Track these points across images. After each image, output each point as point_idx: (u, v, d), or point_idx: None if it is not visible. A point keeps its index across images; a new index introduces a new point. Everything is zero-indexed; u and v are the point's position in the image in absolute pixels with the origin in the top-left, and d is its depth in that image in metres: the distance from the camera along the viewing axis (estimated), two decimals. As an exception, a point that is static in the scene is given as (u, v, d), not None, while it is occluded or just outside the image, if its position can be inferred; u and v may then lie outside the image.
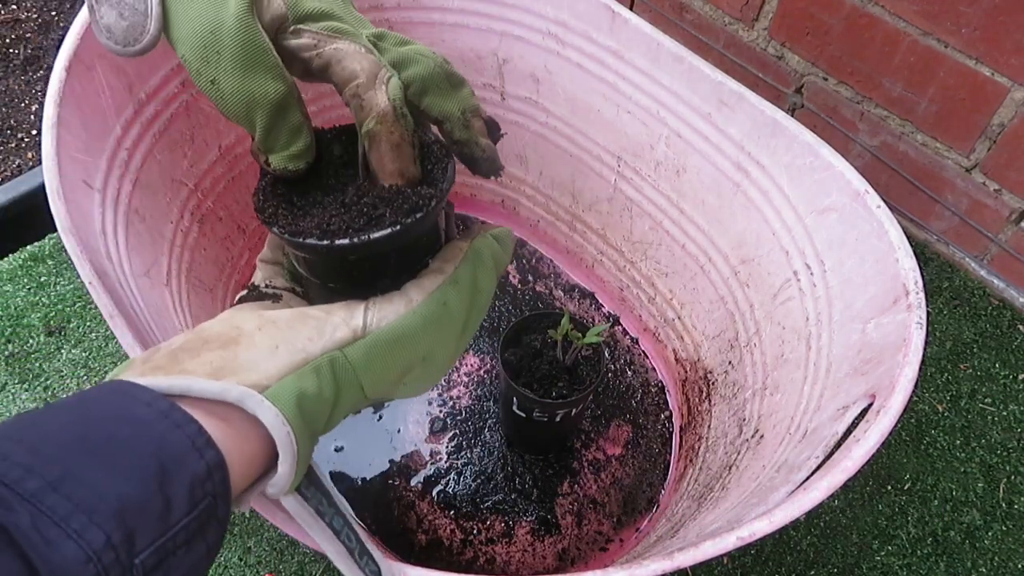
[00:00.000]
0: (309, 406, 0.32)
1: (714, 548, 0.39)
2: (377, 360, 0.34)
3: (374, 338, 0.34)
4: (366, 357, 0.34)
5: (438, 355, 0.37)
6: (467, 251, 0.38)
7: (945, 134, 0.89)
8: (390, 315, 0.35)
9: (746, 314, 0.70)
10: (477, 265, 0.38)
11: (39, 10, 1.20)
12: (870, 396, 0.48)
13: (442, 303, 0.36)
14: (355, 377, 0.34)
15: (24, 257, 0.91)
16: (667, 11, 1.08)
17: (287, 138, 0.35)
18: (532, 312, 0.72)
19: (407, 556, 0.72)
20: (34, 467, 0.24)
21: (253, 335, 0.33)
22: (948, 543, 0.77)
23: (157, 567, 0.26)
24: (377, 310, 0.35)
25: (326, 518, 0.35)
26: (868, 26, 0.88)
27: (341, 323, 0.34)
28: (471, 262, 0.38)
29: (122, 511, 0.25)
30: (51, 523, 0.23)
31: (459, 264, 0.38)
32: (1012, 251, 0.92)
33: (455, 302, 0.37)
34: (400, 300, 0.35)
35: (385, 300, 0.35)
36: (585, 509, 0.76)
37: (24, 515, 0.23)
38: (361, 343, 0.34)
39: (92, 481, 0.25)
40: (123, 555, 0.25)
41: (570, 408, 0.68)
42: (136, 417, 0.27)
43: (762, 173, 0.64)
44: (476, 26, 0.77)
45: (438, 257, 0.38)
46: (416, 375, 0.37)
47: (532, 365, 0.69)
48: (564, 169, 0.84)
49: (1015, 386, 0.87)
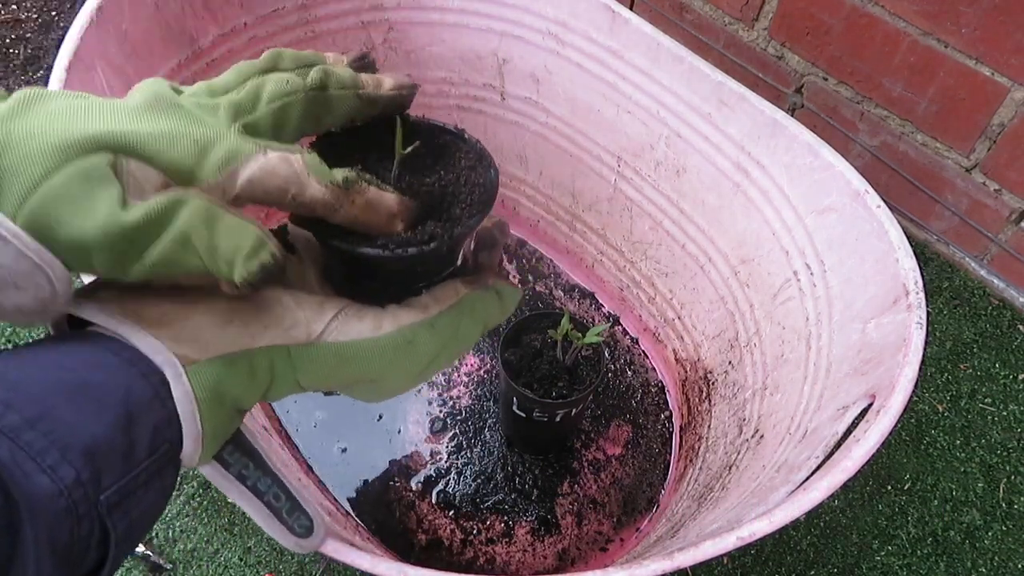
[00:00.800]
0: (233, 390, 0.32)
1: (714, 548, 0.39)
2: (319, 368, 0.34)
3: (324, 349, 0.34)
4: (309, 363, 0.34)
5: (389, 382, 0.37)
6: (461, 299, 0.38)
7: (945, 134, 0.89)
8: (352, 333, 0.34)
9: (746, 314, 0.70)
10: (463, 316, 0.38)
11: (39, 10, 1.20)
12: (870, 396, 0.48)
13: (408, 341, 0.35)
14: (292, 374, 0.34)
15: (24, 257, 0.91)
16: (667, 11, 1.08)
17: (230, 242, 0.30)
18: (532, 312, 0.72)
19: (407, 556, 0.72)
20: (13, 403, 0.26)
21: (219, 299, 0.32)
22: (948, 543, 0.77)
23: (118, 505, 0.28)
24: (342, 323, 0.34)
25: (248, 481, 0.35)
26: (868, 26, 0.88)
27: (302, 322, 0.34)
28: (458, 312, 0.37)
29: (92, 451, 0.27)
30: (27, 457, 0.25)
31: (445, 309, 0.37)
32: (1012, 251, 0.92)
33: (424, 344, 0.36)
34: (369, 322, 0.35)
35: (355, 315, 0.35)
36: (585, 509, 0.76)
37: (3, 448, 0.24)
38: (311, 348, 0.34)
39: (66, 421, 0.26)
40: (91, 492, 0.26)
41: (570, 408, 0.68)
42: (107, 363, 0.29)
43: (762, 173, 0.64)
44: (476, 26, 0.77)
45: (432, 291, 0.37)
46: (363, 390, 0.38)
47: (532, 365, 0.69)
48: (564, 169, 0.84)
49: (1015, 386, 0.87)
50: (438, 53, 0.80)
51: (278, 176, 0.31)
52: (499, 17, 0.76)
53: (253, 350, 0.32)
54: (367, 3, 0.76)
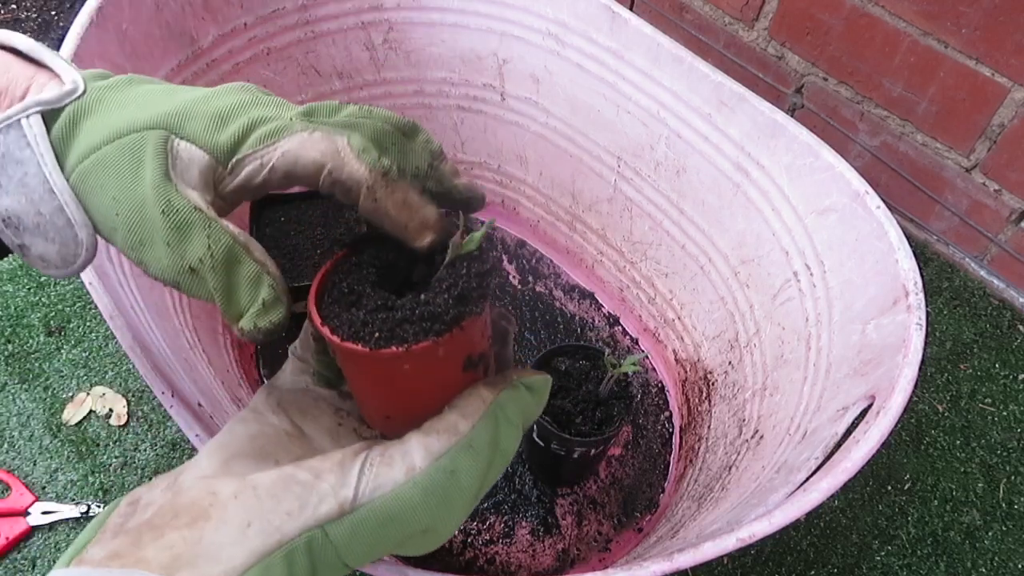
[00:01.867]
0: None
1: (714, 549, 0.39)
2: (364, 539, 0.30)
3: (363, 515, 0.30)
4: (351, 536, 0.30)
5: (442, 527, 0.32)
6: (491, 406, 0.33)
7: (945, 134, 0.89)
8: (387, 484, 0.30)
9: (746, 314, 0.70)
10: (499, 424, 0.33)
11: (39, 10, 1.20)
12: (870, 397, 0.48)
13: (449, 472, 0.31)
14: (336, 557, 0.30)
15: (24, 257, 0.91)
16: (667, 11, 1.08)
17: (248, 293, 0.30)
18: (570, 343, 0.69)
19: (407, 556, 0.72)
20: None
21: (227, 506, 0.29)
22: (948, 543, 0.77)
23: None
24: (373, 476, 0.30)
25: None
26: (868, 26, 0.87)
27: (328, 493, 0.30)
28: (493, 420, 0.32)
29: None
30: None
31: (478, 422, 0.32)
32: (1012, 251, 0.92)
33: (466, 471, 0.31)
34: (401, 465, 0.31)
35: (383, 463, 0.31)
36: (585, 509, 0.76)
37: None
38: (348, 520, 0.30)
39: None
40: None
41: (589, 448, 0.66)
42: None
43: (762, 174, 0.64)
44: (476, 26, 0.77)
45: (455, 408, 0.32)
46: (414, 545, 0.33)
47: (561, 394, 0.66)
48: (564, 169, 0.84)
49: (1015, 386, 0.87)
50: (438, 53, 0.80)
51: (318, 150, 0.31)
52: (499, 17, 0.76)
53: (285, 545, 0.29)
54: (367, 3, 0.76)
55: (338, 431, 0.35)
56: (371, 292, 0.32)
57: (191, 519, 0.29)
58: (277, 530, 0.29)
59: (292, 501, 0.30)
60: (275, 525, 0.29)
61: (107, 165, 0.30)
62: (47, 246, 0.30)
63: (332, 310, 0.32)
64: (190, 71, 0.67)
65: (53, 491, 0.76)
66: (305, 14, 0.74)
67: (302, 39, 0.75)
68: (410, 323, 0.31)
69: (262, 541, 0.28)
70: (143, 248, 0.30)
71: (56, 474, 0.77)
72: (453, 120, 0.86)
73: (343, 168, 0.31)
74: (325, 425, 0.35)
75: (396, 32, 0.79)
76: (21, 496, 0.74)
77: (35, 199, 0.30)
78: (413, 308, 0.31)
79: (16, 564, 0.71)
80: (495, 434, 0.33)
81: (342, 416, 0.36)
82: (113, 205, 0.30)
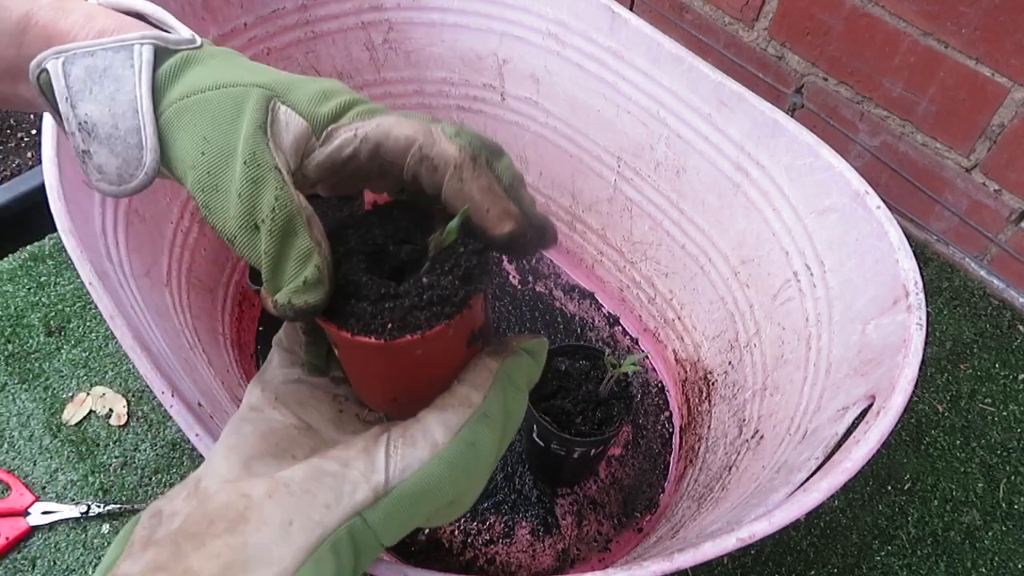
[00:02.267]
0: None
1: (714, 549, 0.39)
2: (398, 517, 0.31)
3: (397, 495, 0.31)
4: (387, 518, 0.31)
5: (466, 496, 0.34)
6: (497, 374, 0.34)
7: (945, 134, 0.89)
8: (414, 463, 0.31)
9: (746, 314, 0.70)
10: (507, 390, 0.34)
11: (39, 10, 1.20)
12: (870, 397, 0.48)
13: (470, 443, 0.32)
14: (375, 540, 0.31)
15: (24, 257, 0.91)
16: (667, 11, 1.08)
17: (295, 267, 0.30)
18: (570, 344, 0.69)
19: (407, 556, 0.72)
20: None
21: (263, 506, 0.29)
22: (948, 543, 0.77)
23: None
24: (400, 458, 0.31)
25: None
26: (868, 26, 0.87)
27: (361, 480, 0.31)
28: (501, 388, 0.34)
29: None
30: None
31: (488, 392, 0.33)
32: (1012, 251, 0.92)
33: (485, 440, 0.33)
34: (424, 442, 0.32)
35: (407, 442, 0.32)
36: (585, 509, 0.76)
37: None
38: (383, 503, 0.31)
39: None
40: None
41: (589, 448, 0.65)
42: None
43: (762, 173, 0.64)
44: (476, 26, 0.77)
45: (465, 381, 0.34)
46: (441, 515, 0.34)
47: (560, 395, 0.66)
48: (564, 169, 0.84)
49: (1015, 386, 0.87)
50: (438, 53, 0.80)
51: (411, 127, 0.31)
52: (499, 17, 0.76)
53: (329, 538, 0.29)
54: (367, 3, 0.76)
55: (340, 418, 0.36)
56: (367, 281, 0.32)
57: (230, 524, 0.29)
58: (319, 524, 0.29)
59: (327, 493, 0.30)
60: (316, 520, 0.29)
61: (208, 106, 0.31)
62: (110, 158, 0.31)
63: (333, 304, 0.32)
64: (190, 71, 0.67)
65: (53, 491, 0.76)
66: (305, 14, 0.74)
67: (302, 39, 0.75)
68: (420, 309, 0.31)
69: (306, 538, 0.29)
70: (215, 193, 0.30)
71: (56, 474, 0.76)
72: (453, 120, 0.86)
73: (434, 145, 0.31)
74: (327, 415, 0.36)
75: (396, 32, 0.79)
76: (21, 496, 0.74)
77: (117, 113, 0.31)
78: (420, 293, 0.31)
79: (16, 564, 0.71)
80: (504, 401, 0.34)
81: (341, 402, 0.37)
82: (201, 144, 0.30)
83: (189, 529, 0.29)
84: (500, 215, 0.32)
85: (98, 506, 0.74)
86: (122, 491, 0.75)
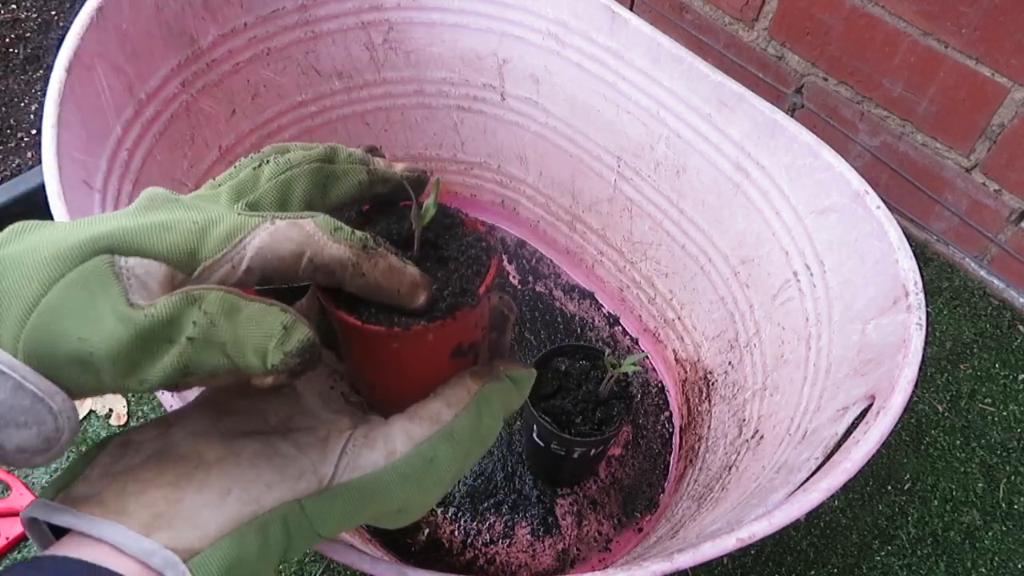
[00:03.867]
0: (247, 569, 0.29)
1: (714, 549, 0.39)
2: (338, 513, 0.31)
3: (340, 491, 0.31)
4: (326, 511, 0.31)
5: (415, 508, 0.34)
6: (475, 396, 0.33)
7: (945, 134, 0.89)
8: (366, 466, 0.31)
9: (746, 314, 0.70)
10: (482, 415, 0.34)
11: (39, 10, 1.20)
12: (870, 397, 0.48)
13: (428, 459, 0.32)
14: (310, 527, 0.31)
15: (24, 257, 0.91)
16: (667, 11, 1.08)
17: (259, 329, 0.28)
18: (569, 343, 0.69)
19: (407, 556, 0.72)
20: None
21: (210, 470, 0.29)
22: (948, 543, 0.77)
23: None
24: (352, 458, 0.31)
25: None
26: (868, 26, 0.87)
27: (309, 468, 0.31)
28: (476, 411, 0.33)
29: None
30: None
31: (461, 412, 0.33)
32: (1012, 251, 0.92)
33: (445, 459, 0.32)
34: (382, 447, 0.32)
35: (365, 445, 0.32)
36: (585, 509, 0.76)
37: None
38: (324, 496, 0.31)
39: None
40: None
41: (589, 448, 0.66)
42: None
43: (762, 173, 0.64)
44: (476, 26, 0.77)
45: (440, 396, 0.33)
46: (387, 520, 0.34)
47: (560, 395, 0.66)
48: (564, 169, 0.84)
49: (1015, 386, 0.88)
50: (438, 53, 0.80)
51: (291, 240, 0.29)
52: (499, 17, 0.76)
53: (261, 516, 0.29)
54: (367, 3, 0.76)
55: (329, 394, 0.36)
56: None
57: (175, 478, 0.29)
58: (255, 500, 0.29)
59: (273, 473, 0.30)
60: (253, 495, 0.29)
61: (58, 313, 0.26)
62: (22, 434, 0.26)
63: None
64: (190, 71, 0.67)
65: (53, 491, 0.76)
66: (305, 14, 0.74)
67: (302, 39, 0.75)
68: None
69: (238, 510, 0.29)
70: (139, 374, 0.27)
71: (56, 474, 0.77)
72: (453, 120, 0.86)
73: (323, 252, 0.29)
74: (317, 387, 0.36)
75: (396, 32, 0.79)
76: (21, 496, 0.74)
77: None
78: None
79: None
80: (477, 424, 0.33)
81: (335, 379, 0.37)
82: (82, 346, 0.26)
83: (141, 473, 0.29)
84: (410, 290, 0.31)
85: (98, 506, 0.74)
86: (122, 491, 0.76)
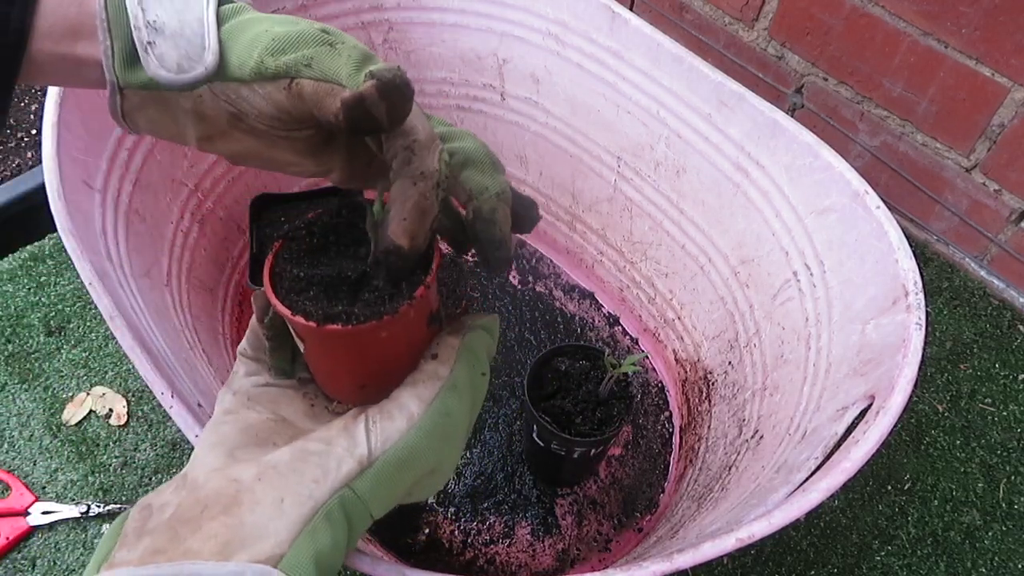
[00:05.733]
0: (327, 561, 0.31)
1: (713, 549, 0.39)
2: (385, 486, 0.33)
3: (381, 465, 0.33)
4: (374, 486, 0.33)
5: (445, 464, 0.36)
6: (460, 349, 0.37)
7: (945, 134, 0.89)
8: (394, 435, 0.33)
9: (746, 314, 0.70)
10: (472, 363, 0.37)
11: (39, 10, 1.20)
12: (869, 397, 0.48)
13: (444, 413, 0.34)
14: (365, 509, 0.33)
15: (24, 257, 0.91)
16: (667, 11, 1.08)
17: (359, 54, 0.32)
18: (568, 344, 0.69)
19: (407, 557, 0.73)
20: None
21: (254, 488, 0.31)
22: (948, 543, 0.77)
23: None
24: (379, 431, 0.33)
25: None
26: (868, 26, 0.87)
27: (345, 455, 0.33)
28: (466, 361, 0.36)
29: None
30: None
31: (455, 365, 0.36)
32: (1012, 251, 0.92)
33: (456, 408, 0.35)
34: (400, 416, 0.34)
35: (385, 417, 0.34)
36: (585, 509, 0.76)
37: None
38: (369, 473, 0.33)
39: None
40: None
41: (589, 448, 0.65)
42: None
43: (762, 173, 0.64)
44: (476, 26, 0.77)
45: (431, 358, 0.36)
46: (423, 486, 0.36)
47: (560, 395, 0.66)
48: (564, 169, 0.84)
49: (1015, 386, 0.87)
50: (438, 53, 0.80)
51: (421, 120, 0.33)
52: (499, 17, 0.76)
53: (321, 508, 0.31)
54: (367, 3, 0.76)
55: (313, 412, 0.38)
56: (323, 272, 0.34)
57: (223, 507, 0.30)
58: (310, 497, 0.31)
59: (315, 470, 0.32)
60: (306, 494, 0.31)
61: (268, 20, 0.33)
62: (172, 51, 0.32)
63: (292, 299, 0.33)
64: (190, 71, 0.67)
65: (53, 491, 0.76)
66: (305, 14, 0.74)
67: (302, 39, 0.75)
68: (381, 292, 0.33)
69: (299, 511, 0.30)
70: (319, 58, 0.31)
71: (56, 474, 0.77)
72: (453, 120, 0.86)
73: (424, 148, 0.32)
74: (300, 409, 0.38)
75: (396, 32, 0.79)
76: (21, 496, 0.74)
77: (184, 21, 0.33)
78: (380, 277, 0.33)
79: (16, 564, 0.71)
80: (471, 372, 0.36)
81: (311, 399, 0.38)
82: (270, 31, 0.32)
83: (183, 516, 0.30)
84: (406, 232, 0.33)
85: (98, 506, 0.74)
86: (122, 491, 0.76)
